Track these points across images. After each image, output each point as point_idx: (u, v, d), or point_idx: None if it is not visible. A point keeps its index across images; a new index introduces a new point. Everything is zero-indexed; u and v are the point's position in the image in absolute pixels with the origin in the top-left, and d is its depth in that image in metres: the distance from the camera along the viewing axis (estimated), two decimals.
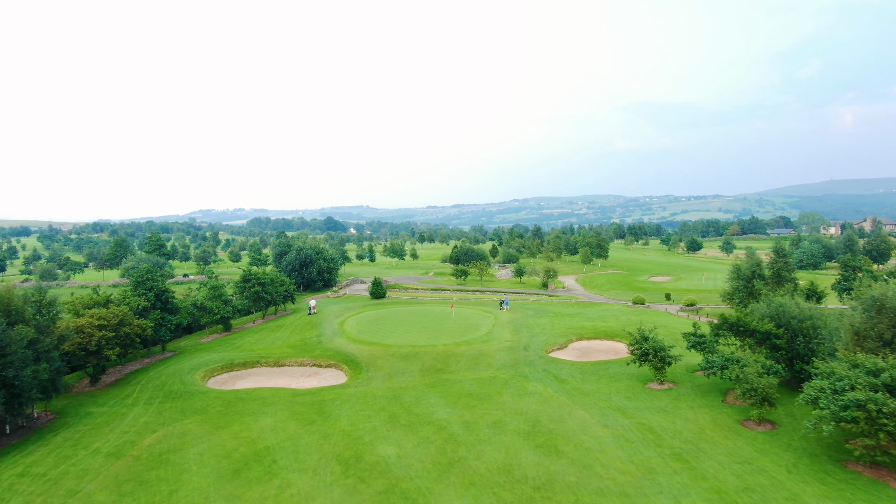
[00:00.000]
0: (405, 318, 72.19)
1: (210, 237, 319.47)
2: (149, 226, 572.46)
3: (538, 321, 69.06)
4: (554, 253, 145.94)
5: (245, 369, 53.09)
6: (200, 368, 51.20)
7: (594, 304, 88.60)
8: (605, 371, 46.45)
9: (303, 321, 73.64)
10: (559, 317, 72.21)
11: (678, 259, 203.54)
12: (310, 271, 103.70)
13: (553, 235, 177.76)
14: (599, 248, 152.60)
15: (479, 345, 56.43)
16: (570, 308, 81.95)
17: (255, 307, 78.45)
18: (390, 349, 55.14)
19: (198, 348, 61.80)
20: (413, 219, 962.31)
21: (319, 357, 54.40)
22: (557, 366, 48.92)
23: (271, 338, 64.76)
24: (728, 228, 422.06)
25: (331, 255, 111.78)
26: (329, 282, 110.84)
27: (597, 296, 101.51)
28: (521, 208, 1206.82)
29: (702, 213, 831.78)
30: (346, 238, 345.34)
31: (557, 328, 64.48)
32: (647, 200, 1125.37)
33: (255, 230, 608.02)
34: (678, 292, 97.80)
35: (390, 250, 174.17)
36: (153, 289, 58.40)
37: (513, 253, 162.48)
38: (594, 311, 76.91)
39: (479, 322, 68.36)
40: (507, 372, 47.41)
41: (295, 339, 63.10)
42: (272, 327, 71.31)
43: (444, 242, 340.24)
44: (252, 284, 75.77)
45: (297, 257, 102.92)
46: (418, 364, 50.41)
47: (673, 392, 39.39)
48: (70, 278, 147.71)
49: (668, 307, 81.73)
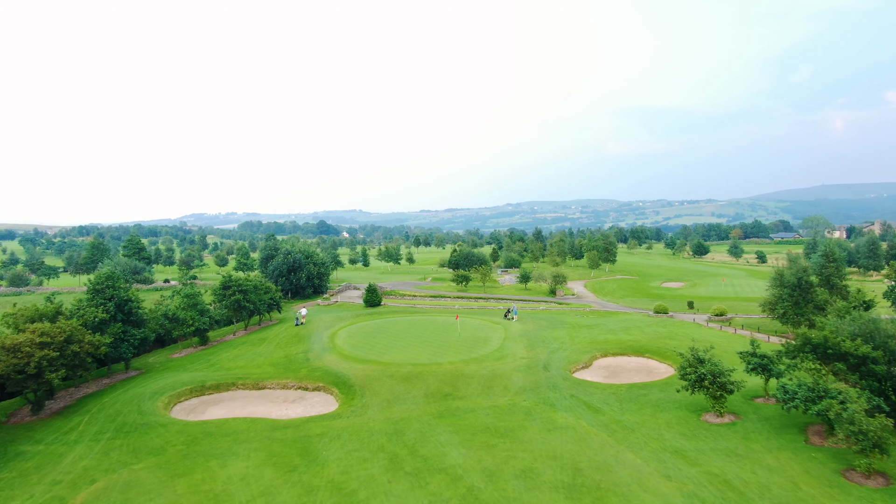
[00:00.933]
0: (404, 329, 65.21)
1: (198, 241, 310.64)
2: (137, 229, 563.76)
3: (554, 334, 62.21)
4: (559, 257, 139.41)
5: (219, 392, 45.92)
6: (165, 392, 44.01)
7: (611, 313, 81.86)
8: (646, 398, 39.58)
9: (289, 333, 66.50)
10: (577, 328, 65.41)
11: (686, 264, 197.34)
12: (298, 277, 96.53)
13: (556, 239, 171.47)
14: (607, 252, 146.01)
15: (491, 363, 49.50)
16: (587, 318, 75.17)
17: (237, 317, 71.28)
18: (388, 368, 48.14)
19: (167, 366, 54.62)
20: (406, 223, 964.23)
21: (306, 378, 47.28)
22: (586, 390, 42.04)
23: (252, 353, 57.59)
24: (730, 232, 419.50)
25: (321, 260, 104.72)
26: (320, 288, 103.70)
27: (611, 303, 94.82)
28: (514, 212, 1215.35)
29: (695, 217, 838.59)
30: (338, 242, 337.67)
31: (578, 342, 57.66)
32: (640, 205, 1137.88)
33: (246, 234, 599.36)
34: (701, 300, 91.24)
35: (385, 254, 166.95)
36: (114, 298, 51.20)
37: (515, 257, 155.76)
38: (614, 322, 70.15)
39: (487, 335, 61.45)
40: (527, 398, 40.49)
41: (279, 355, 55.95)
42: (254, 340, 64.13)
43: (440, 246, 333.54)
44: (232, 292, 68.61)
45: (285, 262, 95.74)
46: (422, 387, 43.41)
47: (738, 428, 32.55)
48: (43, 284, 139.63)
49: (695, 317, 75.06)
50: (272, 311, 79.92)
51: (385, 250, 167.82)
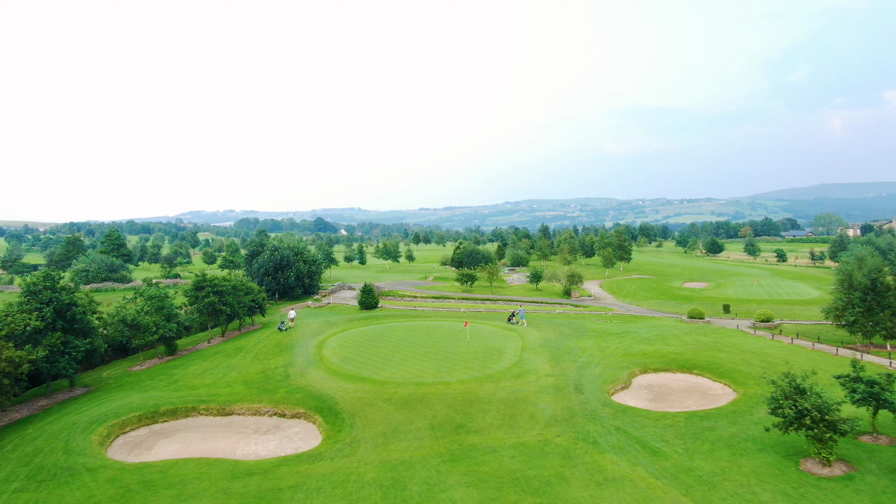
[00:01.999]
0: (404, 338, 57.03)
1: (188, 237, 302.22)
2: (130, 226, 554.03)
3: (580, 343, 54.03)
4: (570, 255, 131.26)
5: (175, 420, 37.74)
6: (107, 420, 35.83)
7: (638, 318, 73.73)
8: (713, 433, 31.43)
9: (271, 342, 58.37)
10: (605, 337, 57.21)
11: (702, 262, 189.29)
12: (286, 276, 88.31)
13: (566, 235, 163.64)
14: (622, 249, 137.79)
15: (509, 382, 41.35)
16: (612, 324, 67.02)
17: (212, 322, 63.13)
18: (385, 389, 40.00)
19: (122, 382, 46.53)
20: (405, 221, 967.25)
21: (284, 401, 39.09)
22: (634, 420, 33.87)
23: (225, 366, 49.41)
24: (739, 230, 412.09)
25: (312, 257, 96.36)
26: (310, 288, 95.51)
27: (633, 306, 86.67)
28: (513, 210, 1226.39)
29: (694, 216, 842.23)
30: (335, 239, 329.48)
31: (610, 355, 49.48)
32: (639, 203, 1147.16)
33: (242, 231, 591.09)
34: (737, 303, 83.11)
35: (383, 252, 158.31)
36: (53, 302, 42.99)
37: (521, 255, 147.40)
38: (645, 329, 61.99)
39: (502, 344, 53.27)
40: (561, 431, 32.33)
41: (255, 369, 47.77)
42: (230, 350, 55.97)
43: (440, 244, 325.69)
44: (206, 293, 60.40)
45: (271, 259, 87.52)
46: (427, 415, 35.26)
47: (859, 484, 24.42)
48: (13, 282, 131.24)
49: (738, 323, 66.97)
50: (254, 315, 71.82)
51: (383, 247, 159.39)
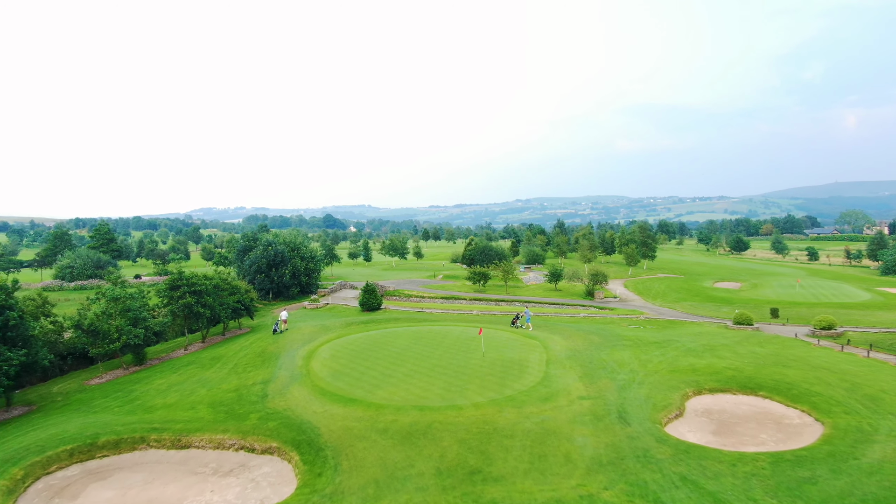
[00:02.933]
0: (408, 346, 49.61)
1: (190, 233, 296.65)
2: (136, 222, 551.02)
3: (615, 355, 46.29)
4: (591, 252, 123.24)
5: (118, 454, 30.60)
6: (27, 457, 28.74)
7: (675, 323, 65.83)
8: (814, 487, 23.67)
9: (255, 349, 51.26)
10: (642, 347, 49.42)
11: (729, 261, 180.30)
12: (281, 273, 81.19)
13: (583, 231, 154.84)
14: (645, 246, 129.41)
15: (535, 407, 33.78)
16: (647, 330, 59.20)
17: (189, 326, 56.18)
18: (381, 416, 32.59)
19: (72, 399, 39.60)
20: (415, 218, 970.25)
21: (254, 430, 31.77)
22: (702, 465, 26.19)
23: (195, 381, 42.29)
24: (760, 228, 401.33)
25: (310, 253, 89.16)
26: (308, 287, 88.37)
27: (666, 309, 78.68)
28: (524, 208, 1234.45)
29: (707, 214, 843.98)
30: (341, 235, 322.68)
31: (653, 370, 41.72)
32: (651, 201, 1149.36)
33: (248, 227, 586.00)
34: (783, 306, 74.84)
35: (389, 248, 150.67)
36: None
37: (537, 252, 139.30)
38: (687, 337, 54.09)
39: (523, 356, 45.69)
40: (609, 482, 24.74)
41: (229, 385, 40.56)
42: (206, 360, 48.90)
43: (450, 240, 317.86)
44: (181, 293, 53.39)
45: (264, 255, 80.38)
46: (432, 454, 27.83)
47: None
48: None
49: (793, 331, 58.92)
50: (241, 318, 64.85)
51: (389, 243, 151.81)
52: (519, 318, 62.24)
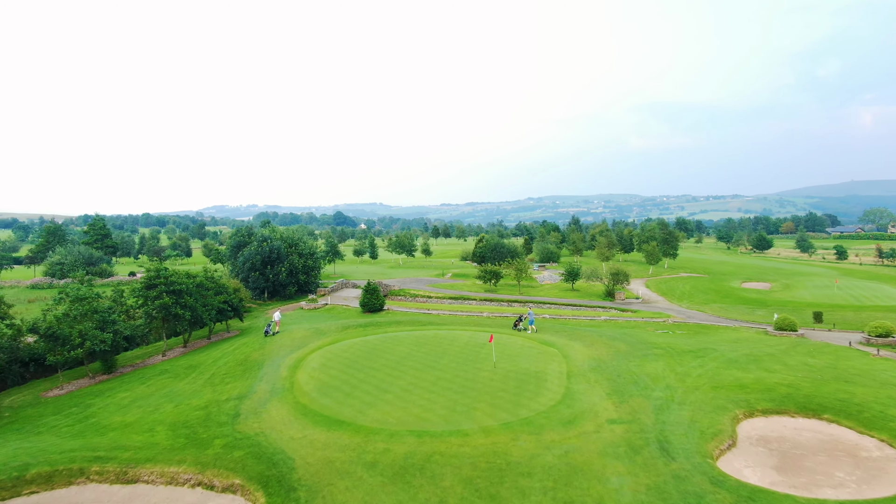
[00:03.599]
0: (409, 353, 44.27)
1: (195, 229, 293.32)
2: (145, 218, 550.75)
3: (646, 367, 40.58)
4: (608, 250, 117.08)
5: (51, 490, 25.52)
6: None
7: (707, 327, 59.87)
8: None
9: (237, 356, 46.21)
10: (676, 356, 43.62)
11: (752, 260, 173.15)
12: (276, 271, 76.09)
13: (600, 228, 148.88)
14: (667, 244, 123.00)
15: (557, 433, 28.23)
16: (679, 336, 53.32)
17: (167, 329, 51.25)
18: (371, 443, 27.22)
19: (17, 417, 34.73)
20: (427, 216, 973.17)
21: (216, 461, 26.49)
22: None
23: (163, 394, 37.24)
24: (780, 226, 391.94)
25: (310, 249, 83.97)
26: (307, 286, 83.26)
27: (694, 312, 72.66)
28: (535, 206, 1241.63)
29: (721, 212, 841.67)
30: (349, 233, 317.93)
31: (693, 385, 35.96)
32: (664, 200, 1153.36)
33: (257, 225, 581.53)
34: (825, 310, 68.57)
35: (396, 245, 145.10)
36: None
37: (551, 249, 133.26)
38: (726, 345, 48.19)
39: (539, 367, 40.13)
40: None
41: (199, 401, 35.43)
42: (181, 368, 43.89)
43: (461, 238, 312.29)
44: (158, 293, 48.41)
45: (258, 252, 75.34)
46: (431, 500, 22.41)
47: None
48: None
49: (845, 338, 52.82)
50: (230, 319, 59.88)
51: (396, 240, 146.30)
52: (522, 320, 57.23)
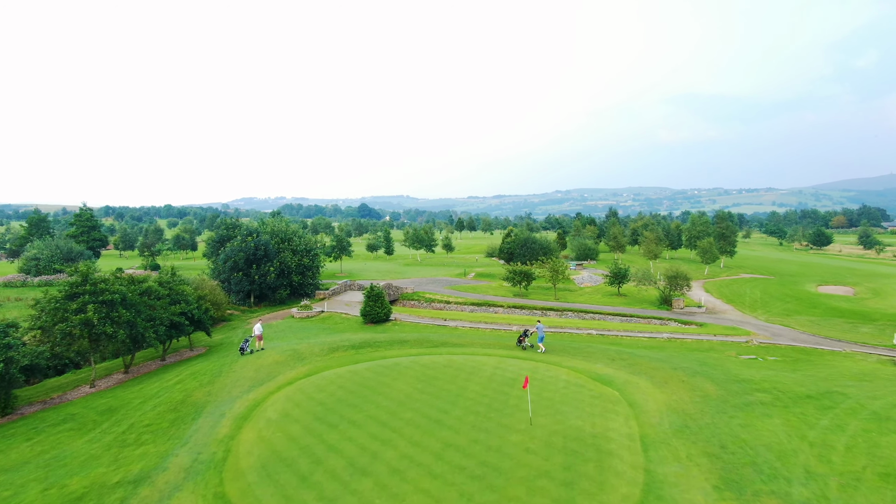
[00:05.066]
0: (409, 397, 32.12)
1: (208, 222, 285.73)
2: (167, 210, 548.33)
3: (758, 429, 27.59)
4: (657, 245, 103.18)
5: None
6: None
7: (809, 352, 46.40)
8: None
9: (174, 395, 34.76)
10: (791, 405, 30.45)
11: (814, 257, 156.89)
12: (264, 271, 64.67)
13: (644, 221, 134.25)
14: (724, 239, 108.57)
15: None
16: (777, 369, 40.00)
17: (104, 350, 40.17)
18: None
19: None
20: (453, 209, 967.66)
21: None
22: None
23: (38, 463, 25.90)
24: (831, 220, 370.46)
25: (305, 245, 72.22)
26: (302, 288, 71.79)
27: (777, 326, 59.00)
28: (564, 199, 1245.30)
29: (754, 206, 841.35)
30: (367, 226, 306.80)
31: (850, 474, 23.00)
32: (695, 193, 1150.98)
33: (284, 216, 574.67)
34: None
35: (413, 239, 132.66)
36: None
37: (589, 245, 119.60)
38: (853, 383, 34.68)
39: (596, 425, 27.53)
40: None
41: (81, 480, 23.89)
42: (94, 412, 32.62)
43: (487, 231, 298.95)
44: (80, 305, 37.22)
45: (242, 248, 63.97)
46: None
47: None
48: None
49: None
50: (192, 333, 48.66)
51: (413, 233, 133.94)
52: (528, 335, 44.39)
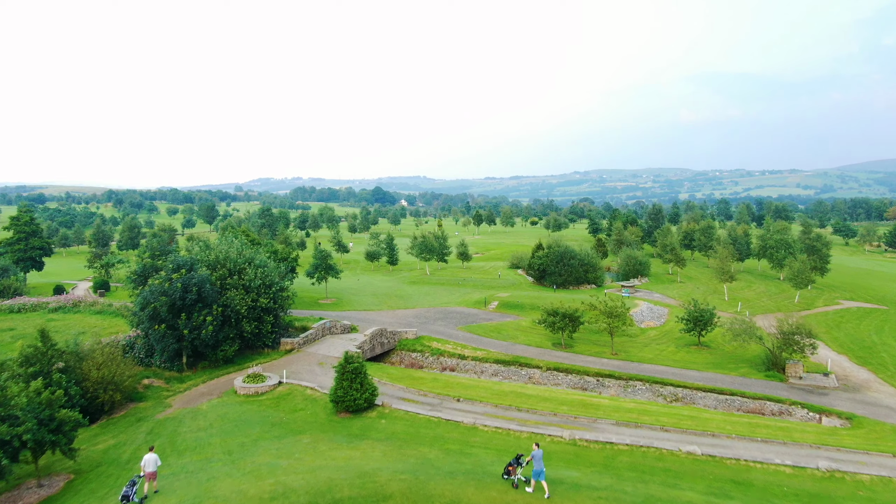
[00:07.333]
0: None
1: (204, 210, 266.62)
2: (172, 194, 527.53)
3: None
4: (730, 262, 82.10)
5: None
6: None
7: None
8: None
9: None
10: None
11: None
12: (198, 322, 45.33)
13: (703, 225, 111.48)
14: (814, 253, 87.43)
15: None
16: None
17: None
18: None
19: None
20: (470, 190, 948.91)
21: None
22: None
23: None
24: (885, 211, 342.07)
25: (263, 278, 51.83)
26: (259, 339, 52.51)
27: None
28: (582, 181, 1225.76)
29: (778, 188, 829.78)
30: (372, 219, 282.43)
31: None
32: (716, 174, 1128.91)
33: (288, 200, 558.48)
34: None
35: (422, 248, 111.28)
36: None
37: (638, 257, 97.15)
38: None
39: None
40: None
41: None
42: None
43: (507, 224, 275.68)
44: None
45: (164, 289, 44.55)
46: None
47: None
48: None
49: None
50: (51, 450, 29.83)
51: (422, 241, 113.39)
52: (521, 464, 25.12)
